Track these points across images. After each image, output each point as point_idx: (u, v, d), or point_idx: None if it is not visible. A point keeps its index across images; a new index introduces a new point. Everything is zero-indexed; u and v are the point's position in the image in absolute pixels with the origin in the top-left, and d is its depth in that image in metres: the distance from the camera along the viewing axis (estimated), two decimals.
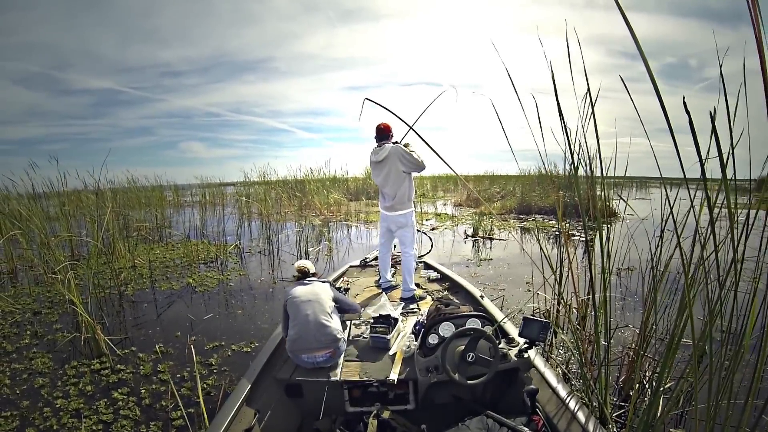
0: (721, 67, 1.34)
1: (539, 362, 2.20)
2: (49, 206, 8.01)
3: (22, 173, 7.61)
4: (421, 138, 1.54)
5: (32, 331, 4.07)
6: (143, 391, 2.97)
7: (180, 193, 16.11)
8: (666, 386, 2.16)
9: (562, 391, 1.96)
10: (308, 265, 2.78)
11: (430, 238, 5.58)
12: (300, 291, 2.54)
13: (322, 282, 2.67)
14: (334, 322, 2.45)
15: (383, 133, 3.59)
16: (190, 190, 16.39)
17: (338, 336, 2.41)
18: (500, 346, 2.24)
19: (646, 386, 2.48)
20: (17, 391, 3.01)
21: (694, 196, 1.71)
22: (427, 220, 11.70)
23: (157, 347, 3.62)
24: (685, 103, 1.20)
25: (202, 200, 13.99)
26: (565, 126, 2.09)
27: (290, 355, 2.41)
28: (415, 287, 3.66)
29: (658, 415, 1.94)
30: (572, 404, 1.87)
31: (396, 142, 3.57)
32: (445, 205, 16.32)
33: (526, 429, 1.82)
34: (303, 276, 2.70)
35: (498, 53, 1.92)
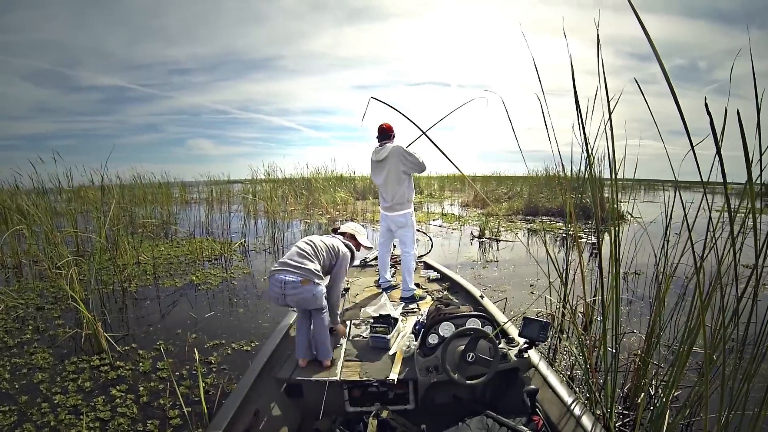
0: (754, 70, 1.28)
1: (539, 362, 2.19)
2: (56, 202, 8.07)
3: (29, 169, 7.67)
4: (433, 142, 1.49)
5: (34, 326, 4.08)
6: (141, 388, 2.95)
7: (187, 190, 16.19)
8: (674, 394, 2.09)
9: (562, 391, 1.96)
10: (352, 229, 2.93)
11: (430, 238, 5.54)
12: (314, 236, 2.68)
13: (344, 246, 2.72)
14: (314, 264, 2.46)
15: (385, 133, 3.60)
16: (197, 187, 16.47)
17: (315, 271, 2.42)
18: (500, 346, 2.22)
19: (653, 395, 2.41)
20: (16, 386, 3.00)
21: (713, 200, 1.66)
22: (434, 220, 11.63)
23: (157, 344, 3.61)
24: (706, 104, 1.14)
25: (209, 197, 14.05)
26: (583, 127, 2.04)
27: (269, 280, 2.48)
28: (415, 287, 3.63)
29: (665, 425, 1.88)
30: (572, 404, 1.86)
31: (409, 146, 3.59)
32: (452, 205, 16.24)
33: (526, 429, 1.81)
34: (334, 232, 2.89)
35: (529, 48, 1.87)
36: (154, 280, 5.70)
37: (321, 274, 2.48)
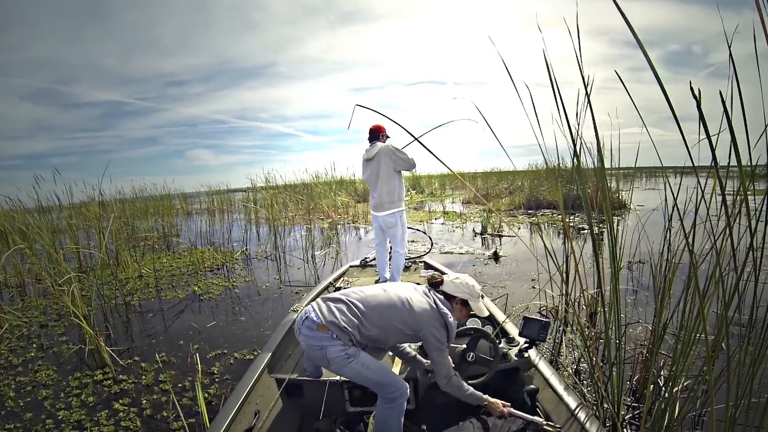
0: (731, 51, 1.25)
1: (540, 362, 2.18)
2: (59, 219, 8.08)
3: (30, 188, 7.72)
4: (425, 146, 1.47)
5: (38, 344, 4.08)
6: (144, 401, 2.94)
7: (188, 201, 16.24)
8: (683, 385, 2.05)
9: (563, 390, 1.95)
10: (463, 290, 2.07)
11: (430, 238, 5.50)
12: (398, 289, 2.05)
13: (435, 312, 1.96)
14: (353, 324, 1.85)
15: (374, 134, 3.71)
16: (197, 198, 16.52)
17: (343, 328, 1.83)
18: (500, 345, 2.22)
19: (661, 386, 2.37)
20: (21, 404, 3.00)
21: (705, 184, 1.63)
22: (436, 218, 11.60)
23: (159, 357, 3.60)
24: (692, 89, 1.12)
25: (210, 207, 14.08)
26: (566, 117, 2.01)
27: None
28: None
29: (675, 416, 1.84)
30: (572, 403, 1.85)
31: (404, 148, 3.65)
32: (453, 203, 16.21)
33: (527, 415, 1.83)
34: (434, 286, 2.13)
35: (495, 47, 1.84)
36: (156, 293, 5.69)
37: (355, 337, 1.84)
